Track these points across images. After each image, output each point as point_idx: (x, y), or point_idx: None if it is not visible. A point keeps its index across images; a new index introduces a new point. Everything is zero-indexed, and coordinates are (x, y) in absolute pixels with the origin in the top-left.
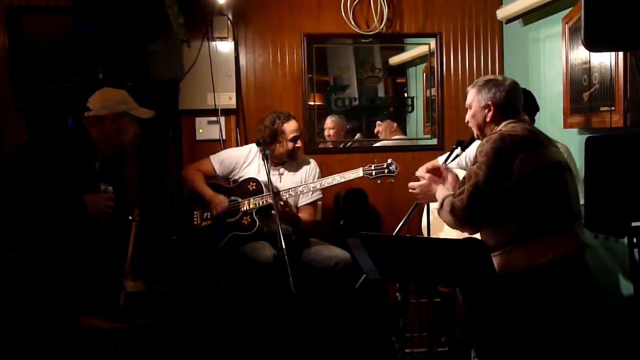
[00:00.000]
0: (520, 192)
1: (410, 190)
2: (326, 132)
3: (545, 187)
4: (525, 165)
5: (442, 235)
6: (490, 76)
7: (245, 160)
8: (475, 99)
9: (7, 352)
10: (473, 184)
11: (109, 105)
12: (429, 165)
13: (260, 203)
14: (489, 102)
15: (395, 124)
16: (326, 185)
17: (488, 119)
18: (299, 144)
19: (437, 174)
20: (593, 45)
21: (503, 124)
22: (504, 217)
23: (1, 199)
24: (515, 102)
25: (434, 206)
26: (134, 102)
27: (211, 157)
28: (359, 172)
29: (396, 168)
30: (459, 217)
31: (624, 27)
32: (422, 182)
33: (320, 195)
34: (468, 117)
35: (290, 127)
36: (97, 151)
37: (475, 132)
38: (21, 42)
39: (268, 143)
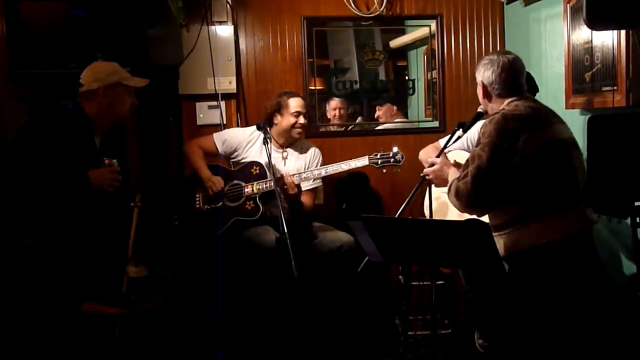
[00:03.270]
0: (525, 172)
1: (427, 177)
2: (332, 114)
3: (550, 166)
4: (529, 145)
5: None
6: (492, 54)
7: (249, 142)
8: (478, 77)
9: (12, 341)
10: (477, 166)
11: (100, 77)
12: (430, 147)
13: (264, 187)
14: (481, 81)
15: (395, 107)
16: (331, 172)
17: (481, 97)
18: (302, 120)
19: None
20: (595, 23)
21: (506, 102)
22: (510, 196)
23: (7, 184)
24: (514, 79)
25: (437, 192)
26: (127, 72)
27: (214, 135)
28: (365, 161)
29: (402, 157)
30: (464, 200)
31: (625, 5)
32: (435, 167)
33: (320, 183)
34: (478, 94)
35: (294, 102)
36: (94, 127)
37: (483, 109)
38: (19, 28)
39: (272, 116)
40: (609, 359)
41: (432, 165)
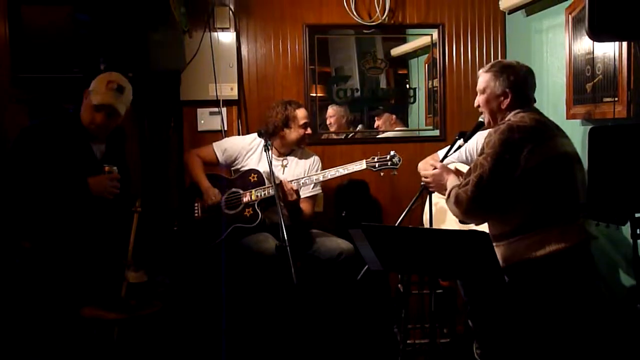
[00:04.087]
0: (527, 184)
1: (424, 179)
2: (327, 121)
3: (552, 179)
4: (533, 157)
5: (445, 227)
6: (505, 61)
7: (249, 150)
8: (490, 84)
9: (11, 345)
10: (478, 175)
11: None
12: (429, 159)
13: (263, 195)
14: (507, 90)
15: (394, 116)
16: (329, 177)
17: (504, 107)
18: (309, 130)
19: None
20: (597, 34)
21: (512, 113)
22: (510, 207)
23: (7, 188)
24: (530, 90)
25: (436, 198)
26: (105, 88)
27: (214, 144)
28: (362, 165)
29: (399, 160)
30: (463, 208)
31: (628, 17)
32: (435, 171)
33: (320, 191)
34: (480, 102)
35: (302, 113)
36: (89, 134)
37: (487, 118)
38: (22, 32)
39: (279, 129)
40: None
41: (433, 169)
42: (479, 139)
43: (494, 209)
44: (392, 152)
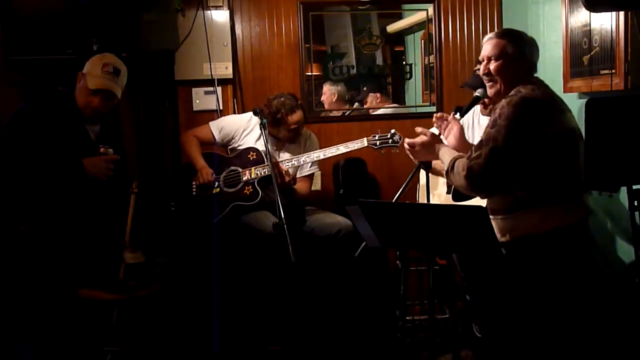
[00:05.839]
0: (535, 158)
1: (407, 147)
2: (322, 98)
3: (559, 154)
4: (544, 131)
5: (437, 193)
6: (513, 29)
7: (246, 128)
8: (505, 50)
9: (9, 327)
10: (491, 147)
11: (86, 65)
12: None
13: (262, 173)
14: (527, 57)
15: (378, 94)
16: (329, 155)
17: (519, 74)
18: (297, 131)
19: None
20: (593, 5)
21: (521, 85)
22: (516, 181)
23: (2, 171)
24: (537, 60)
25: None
26: (100, 71)
27: (210, 123)
28: (363, 142)
29: (400, 138)
30: (474, 181)
31: None
32: (424, 139)
33: (317, 169)
34: (493, 69)
35: (293, 118)
36: (82, 115)
37: (497, 87)
38: (14, 14)
39: (268, 123)
40: (608, 349)
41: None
42: (466, 119)
43: (505, 183)
44: (392, 131)
